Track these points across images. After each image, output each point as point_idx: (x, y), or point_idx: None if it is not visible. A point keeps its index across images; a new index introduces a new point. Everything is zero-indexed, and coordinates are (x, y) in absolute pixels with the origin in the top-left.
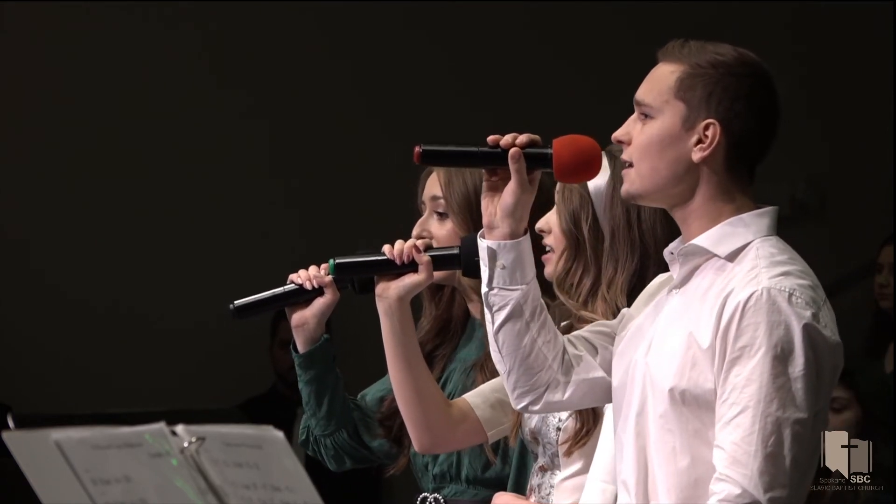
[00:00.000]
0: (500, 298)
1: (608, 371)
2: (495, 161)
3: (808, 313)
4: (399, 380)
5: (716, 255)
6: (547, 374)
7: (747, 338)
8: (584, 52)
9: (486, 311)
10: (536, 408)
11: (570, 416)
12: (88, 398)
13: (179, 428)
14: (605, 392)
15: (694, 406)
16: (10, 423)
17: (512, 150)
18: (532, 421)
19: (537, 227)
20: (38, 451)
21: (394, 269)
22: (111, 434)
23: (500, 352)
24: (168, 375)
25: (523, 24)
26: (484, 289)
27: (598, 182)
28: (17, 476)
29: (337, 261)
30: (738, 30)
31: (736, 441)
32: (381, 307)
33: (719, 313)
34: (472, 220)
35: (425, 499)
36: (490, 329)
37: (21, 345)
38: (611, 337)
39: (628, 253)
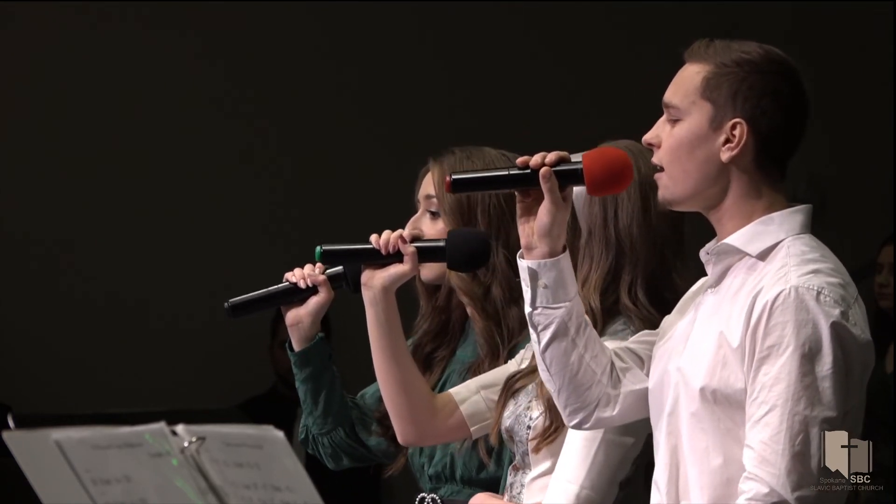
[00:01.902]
0: (544, 318)
1: None
2: (526, 182)
3: (836, 312)
4: (383, 371)
5: (747, 255)
6: (597, 390)
7: (775, 337)
8: (583, 55)
9: (530, 331)
10: (588, 425)
11: (540, 413)
12: (88, 398)
13: (180, 428)
14: None
15: (725, 405)
16: (10, 423)
17: (542, 170)
18: (507, 420)
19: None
20: (38, 451)
21: (379, 259)
22: (111, 434)
23: (548, 370)
24: (168, 375)
25: (524, 26)
26: (528, 309)
27: None
28: (17, 476)
29: (323, 248)
30: (737, 30)
31: (764, 440)
32: (366, 296)
33: (749, 312)
34: (462, 223)
35: (423, 499)
36: (536, 349)
37: (21, 345)
38: (654, 345)
39: (603, 251)
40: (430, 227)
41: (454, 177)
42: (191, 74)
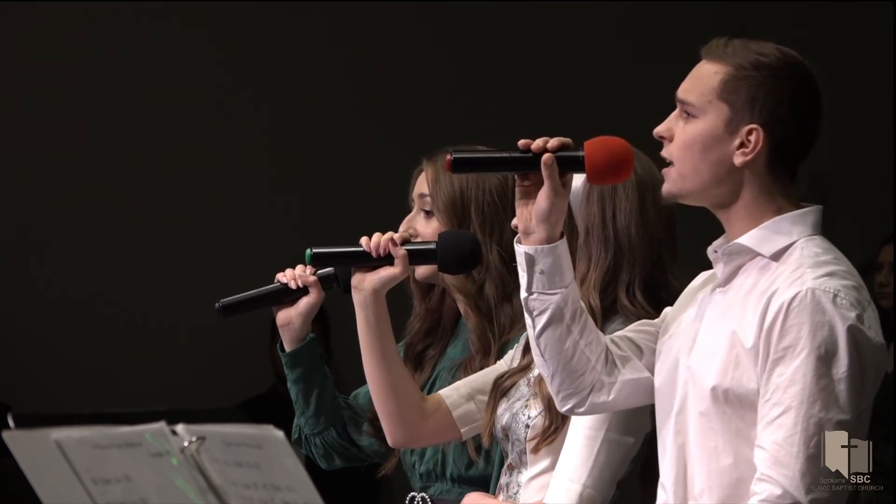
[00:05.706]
0: (539, 303)
1: (652, 370)
2: (527, 166)
3: (852, 314)
4: (373, 373)
5: (760, 255)
6: (591, 376)
7: (791, 338)
8: (586, 55)
9: (526, 316)
10: (581, 410)
11: (538, 413)
12: (88, 398)
13: (180, 427)
14: (650, 391)
15: (737, 405)
16: (10, 423)
17: (545, 157)
18: (503, 417)
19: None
20: (38, 450)
21: (370, 262)
22: (111, 433)
23: (542, 356)
24: (168, 375)
25: (524, 24)
26: (523, 294)
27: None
28: (17, 476)
29: (314, 251)
30: (737, 30)
31: (778, 441)
32: (356, 299)
33: (763, 313)
34: (456, 220)
35: (413, 498)
36: (531, 334)
37: (21, 345)
38: (654, 336)
39: (602, 250)
40: (425, 226)
41: (455, 156)
42: (188, 75)
